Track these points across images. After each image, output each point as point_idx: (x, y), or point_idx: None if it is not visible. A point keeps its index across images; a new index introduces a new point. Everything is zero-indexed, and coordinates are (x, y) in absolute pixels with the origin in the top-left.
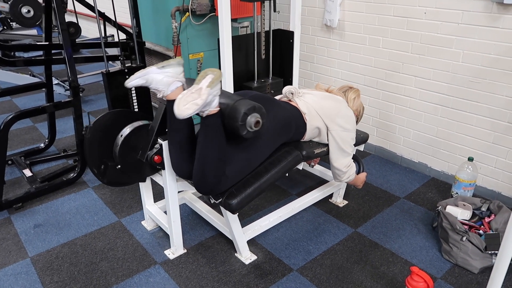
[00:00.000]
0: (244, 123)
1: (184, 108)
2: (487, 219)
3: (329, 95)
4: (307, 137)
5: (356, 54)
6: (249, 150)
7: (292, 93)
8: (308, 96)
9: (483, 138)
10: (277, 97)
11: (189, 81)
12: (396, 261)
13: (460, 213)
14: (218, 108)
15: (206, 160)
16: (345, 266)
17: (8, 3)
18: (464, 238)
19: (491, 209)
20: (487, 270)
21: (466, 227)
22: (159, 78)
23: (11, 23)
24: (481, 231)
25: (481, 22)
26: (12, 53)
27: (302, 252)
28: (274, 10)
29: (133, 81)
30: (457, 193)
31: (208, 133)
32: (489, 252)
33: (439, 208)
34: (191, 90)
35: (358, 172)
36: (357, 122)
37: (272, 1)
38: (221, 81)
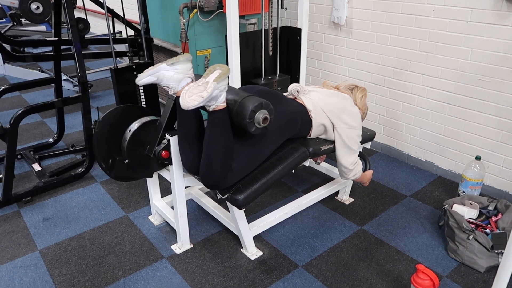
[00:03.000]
0: (252, 120)
1: (189, 100)
2: (494, 218)
3: (335, 92)
4: (313, 134)
5: (363, 51)
6: (255, 145)
7: (297, 91)
8: (313, 94)
9: (490, 136)
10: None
11: (198, 77)
12: (401, 259)
13: (466, 211)
14: (225, 104)
15: (212, 155)
16: (350, 263)
17: None
18: (471, 237)
19: (498, 208)
20: (494, 269)
21: (472, 225)
22: (170, 74)
23: (20, 19)
24: (488, 230)
25: (490, 20)
26: (22, 49)
27: (308, 248)
28: (282, 7)
29: (144, 79)
30: (464, 191)
31: (215, 128)
32: (496, 251)
33: (445, 206)
34: (197, 83)
35: (364, 170)
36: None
37: None
38: (228, 77)
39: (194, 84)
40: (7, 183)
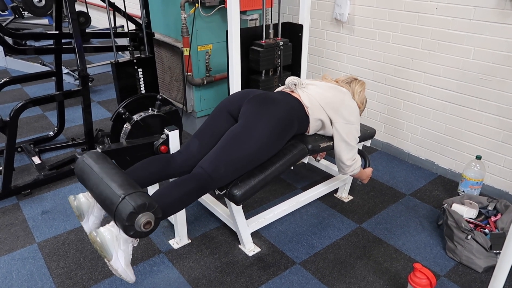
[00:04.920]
0: (132, 224)
1: (129, 280)
2: (493, 218)
3: (333, 85)
4: (311, 130)
5: (365, 49)
6: (248, 155)
7: (295, 84)
8: (311, 88)
9: (491, 136)
10: (280, 88)
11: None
12: (399, 258)
13: (466, 211)
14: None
15: (192, 200)
16: (348, 261)
17: None
18: (469, 237)
19: (498, 209)
20: (491, 270)
21: (471, 225)
22: (93, 220)
23: (22, 12)
24: (486, 230)
25: (493, 18)
26: (23, 42)
27: (306, 245)
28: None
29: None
30: (463, 191)
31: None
32: (494, 251)
33: (445, 205)
34: (110, 267)
35: (364, 167)
36: (360, 114)
37: None
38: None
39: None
40: (6, 176)
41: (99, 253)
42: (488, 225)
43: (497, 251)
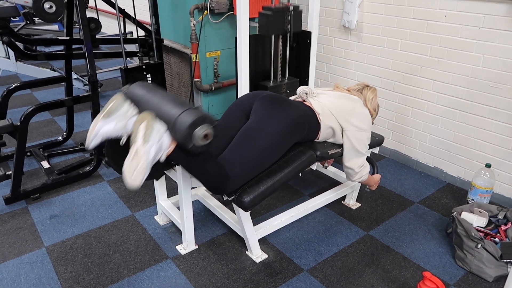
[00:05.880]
0: (190, 137)
1: (132, 180)
2: (503, 227)
3: (345, 94)
4: (321, 137)
5: (373, 56)
6: (261, 150)
7: (306, 93)
8: (322, 96)
9: (501, 144)
10: (291, 98)
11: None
12: (408, 266)
13: (475, 219)
14: (173, 145)
15: (201, 179)
16: (356, 268)
17: None
18: (479, 245)
19: (508, 217)
20: (502, 279)
21: (481, 234)
22: (112, 127)
23: (33, 18)
24: (496, 239)
25: (503, 26)
26: (34, 47)
27: (313, 252)
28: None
29: (91, 144)
30: (473, 199)
31: (184, 165)
32: (505, 260)
33: (454, 214)
34: (129, 157)
35: (372, 174)
36: (372, 121)
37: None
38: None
39: (127, 160)
40: (16, 180)
41: (138, 131)
42: (498, 234)
43: (508, 260)
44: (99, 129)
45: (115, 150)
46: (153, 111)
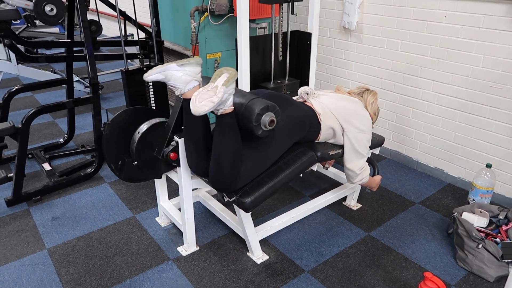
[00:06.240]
0: (259, 123)
1: (200, 105)
2: (504, 227)
3: (345, 96)
4: (321, 138)
5: (374, 57)
6: (263, 147)
7: (307, 94)
8: (323, 97)
9: (502, 144)
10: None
11: (206, 80)
12: (409, 267)
13: (476, 220)
14: (233, 107)
15: (222, 158)
16: (357, 269)
17: (32, 1)
18: (480, 246)
19: (509, 217)
20: (503, 279)
21: (482, 234)
22: (178, 75)
23: (34, 20)
24: (497, 239)
25: (503, 26)
26: (35, 50)
27: (314, 253)
28: (292, 13)
29: (152, 76)
30: (474, 199)
31: (223, 132)
32: (506, 260)
33: (455, 214)
34: (207, 88)
35: (372, 175)
36: (372, 125)
37: (290, 4)
38: (236, 80)
39: (203, 89)
40: (17, 182)
41: (221, 75)
42: (499, 234)
43: (509, 260)
44: (168, 68)
45: (148, 156)
46: None
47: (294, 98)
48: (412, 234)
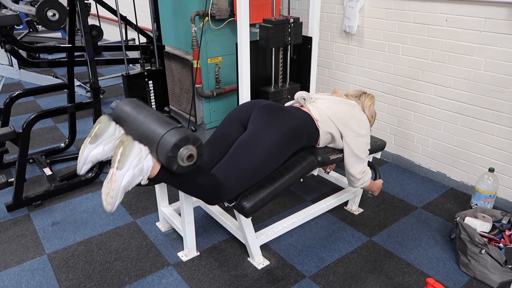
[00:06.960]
0: (175, 156)
1: (107, 204)
2: (507, 232)
3: (343, 100)
4: (321, 143)
5: (375, 61)
6: (257, 161)
7: (304, 99)
8: (320, 102)
9: (504, 148)
10: (289, 103)
11: (130, 104)
12: (411, 272)
13: (479, 225)
14: (157, 167)
15: (196, 194)
16: (358, 275)
17: (35, 6)
18: (483, 251)
19: None
20: (507, 285)
21: (485, 239)
22: (100, 150)
23: (36, 25)
24: (501, 244)
25: (504, 30)
26: (37, 55)
27: (315, 259)
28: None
29: (82, 170)
30: (476, 204)
31: (181, 186)
32: (509, 266)
33: (457, 219)
34: (106, 180)
35: (374, 179)
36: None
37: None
38: (132, 147)
39: (105, 181)
40: (18, 187)
41: (116, 155)
42: (502, 239)
43: None
44: (88, 154)
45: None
46: (138, 131)
47: (290, 102)
48: (414, 239)
